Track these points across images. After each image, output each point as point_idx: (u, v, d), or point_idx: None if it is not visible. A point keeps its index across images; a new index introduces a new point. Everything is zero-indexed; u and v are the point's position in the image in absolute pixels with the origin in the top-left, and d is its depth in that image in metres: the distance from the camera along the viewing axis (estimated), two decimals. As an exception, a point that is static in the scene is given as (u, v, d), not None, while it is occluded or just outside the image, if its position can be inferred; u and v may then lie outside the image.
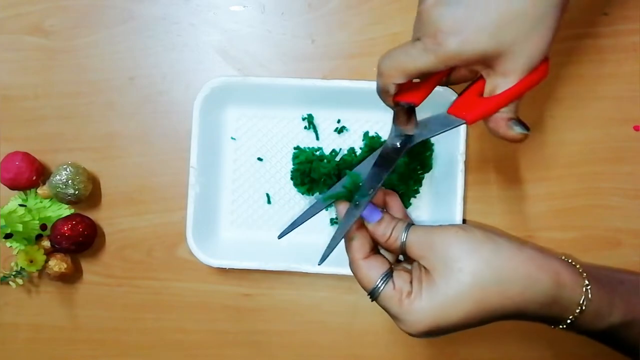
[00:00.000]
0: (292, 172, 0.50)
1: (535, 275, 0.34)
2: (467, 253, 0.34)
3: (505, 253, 0.35)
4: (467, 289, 0.34)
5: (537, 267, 0.35)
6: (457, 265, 0.34)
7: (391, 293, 0.35)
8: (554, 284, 0.35)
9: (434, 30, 0.33)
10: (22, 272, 0.51)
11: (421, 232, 0.37)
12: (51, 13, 0.54)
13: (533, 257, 0.35)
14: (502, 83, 0.34)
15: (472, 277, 0.34)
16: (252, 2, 0.52)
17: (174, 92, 0.53)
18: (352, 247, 0.38)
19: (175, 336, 0.53)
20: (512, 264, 0.34)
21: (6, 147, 0.53)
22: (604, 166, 0.49)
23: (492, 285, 0.34)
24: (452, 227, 0.36)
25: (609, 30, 0.49)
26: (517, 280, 0.34)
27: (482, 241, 0.35)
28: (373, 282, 0.36)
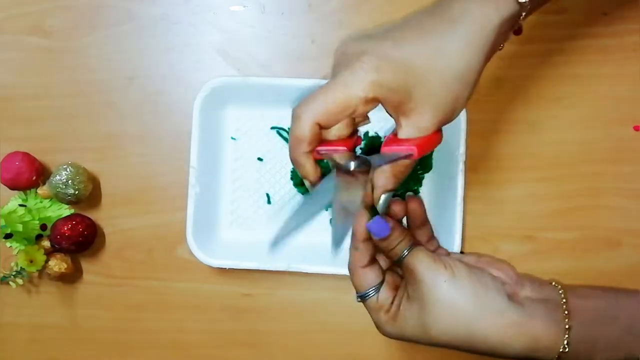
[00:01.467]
0: (292, 172, 0.50)
1: (509, 343, 0.35)
2: (448, 308, 0.35)
3: (485, 318, 0.35)
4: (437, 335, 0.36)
5: (515, 334, 0.35)
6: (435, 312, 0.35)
7: (374, 304, 0.38)
8: (528, 349, 0.36)
9: (360, 55, 0.32)
10: (22, 272, 0.51)
11: (419, 259, 0.36)
12: (51, 13, 0.54)
13: (514, 324, 0.35)
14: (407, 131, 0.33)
15: (446, 329, 0.35)
16: (252, 2, 0.52)
17: (174, 92, 0.53)
18: (354, 255, 0.38)
19: (175, 336, 0.53)
20: (489, 329, 0.35)
21: (6, 147, 0.53)
22: (604, 166, 0.49)
23: (464, 341, 0.36)
24: (444, 271, 0.36)
25: (609, 30, 0.49)
26: (489, 343, 0.35)
27: (466, 301, 0.35)
28: (364, 289, 0.38)
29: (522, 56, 0.50)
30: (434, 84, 0.32)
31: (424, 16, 0.35)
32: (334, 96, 0.32)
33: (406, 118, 0.33)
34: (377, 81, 0.32)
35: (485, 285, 0.36)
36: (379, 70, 0.32)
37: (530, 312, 0.36)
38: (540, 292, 0.38)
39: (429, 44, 0.33)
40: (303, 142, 0.34)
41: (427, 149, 0.34)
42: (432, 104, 0.33)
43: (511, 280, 0.38)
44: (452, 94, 0.33)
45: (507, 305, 0.36)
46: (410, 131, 0.33)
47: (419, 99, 0.32)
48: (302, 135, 0.33)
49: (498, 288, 0.37)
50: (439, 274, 0.36)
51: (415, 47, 0.33)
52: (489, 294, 0.36)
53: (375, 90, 0.32)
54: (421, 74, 0.32)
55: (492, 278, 0.37)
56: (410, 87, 0.32)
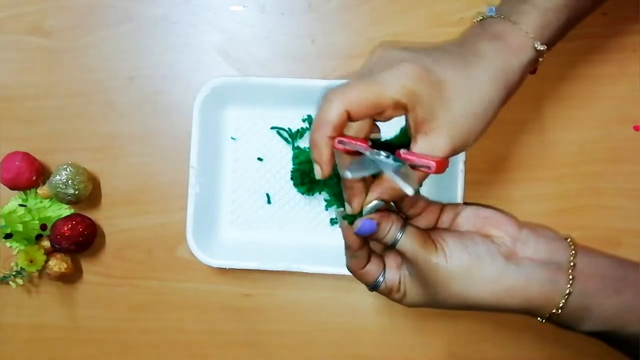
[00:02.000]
0: (292, 172, 0.50)
1: (504, 303, 0.37)
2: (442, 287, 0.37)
3: (478, 290, 0.37)
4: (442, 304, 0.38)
5: (509, 297, 0.37)
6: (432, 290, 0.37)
7: (384, 290, 0.40)
8: (522, 308, 0.37)
9: (400, 60, 0.33)
10: (22, 272, 0.51)
11: (410, 242, 0.37)
12: (51, 13, 0.54)
13: (509, 288, 0.37)
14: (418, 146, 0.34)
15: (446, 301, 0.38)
16: (252, 2, 0.52)
17: (174, 92, 0.53)
18: (354, 262, 0.39)
19: (175, 336, 0.53)
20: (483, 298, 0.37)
21: (6, 147, 0.53)
22: (604, 166, 0.49)
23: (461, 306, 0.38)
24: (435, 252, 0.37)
25: (609, 30, 0.49)
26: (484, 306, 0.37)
27: (458, 278, 0.36)
28: (371, 283, 0.40)
29: (522, 56, 0.50)
30: (459, 112, 0.34)
31: (455, 47, 0.37)
32: (370, 90, 0.33)
33: (424, 136, 0.34)
34: (413, 89, 0.33)
35: (478, 257, 0.37)
36: (418, 79, 0.33)
37: (528, 275, 0.37)
38: (546, 251, 0.38)
39: (463, 71, 0.34)
40: (328, 126, 0.33)
41: (440, 169, 0.34)
42: (452, 130, 0.34)
43: (509, 238, 0.39)
44: (470, 126, 0.35)
45: (503, 271, 0.37)
46: (424, 148, 0.34)
47: (441, 121, 0.34)
48: (329, 118, 0.33)
49: (492, 254, 0.37)
50: (430, 255, 0.37)
51: (452, 70, 0.34)
52: (483, 264, 0.37)
53: (408, 97, 0.33)
54: (451, 98, 0.34)
55: (485, 245, 0.38)
56: (437, 106, 0.33)
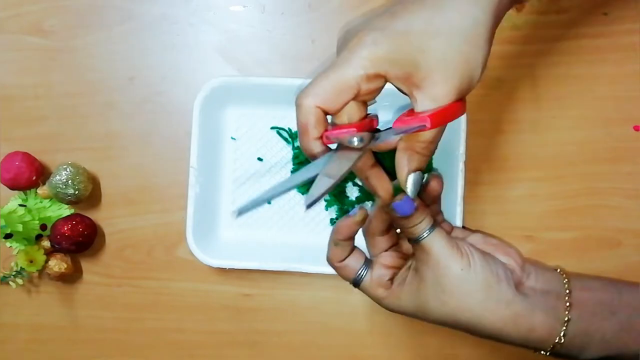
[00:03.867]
0: (292, 172, 0.50)
1: (507, 332, 0.36)
2: (459, 295, 0.36)
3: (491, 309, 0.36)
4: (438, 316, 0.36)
5: (514, 326, 0.36)
6: (444, 298, 0.36)
7: (369, 283, 0.38)
8: (524, 340, 0.37)
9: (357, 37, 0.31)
10: (22, 272, 0.51)
11: (439, 242, 0.36)
12: (51, 13, 0.54)
13: (517, 315, 0.36)
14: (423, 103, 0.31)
15: (450, 313, 0.36)
16: (252, 2, 0.52)
17: (174, 92, 0.53)
18: (333, 251, 0.38)
19: (175, 336, 0.53)
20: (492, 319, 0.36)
21: (6, 147, 0.53)
22: (604, 166, 0.49)
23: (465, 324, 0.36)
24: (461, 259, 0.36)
25: (609, 30, 0.49)
26: (489, 331, 0.36)
27: (476, 291, 0.36)
28: (351, 277, 0.39)
29: (522, 56, 0.50)
30: (440, 47, 0.30)
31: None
32: (333, 78, 0.31)
33: (419, 90, 0.31)
34: (376, 55, 0.30)
35: (497, 277, 0.36)
36: (376, 43, 0.30)
37: (533, 304, 0.36)
38: (545, 282, 0.38)
39: (428, 7, 0.31)
40: (308, 129, 0.32)
41: (445, 119, 0.31)
42: (444, 70, 0.30)
43: (518, 267, 0.38)
44: (462, 55, 0.30)
45: (514, 297, 0.36)
46: (427, 103, 0.31)
47: (427, 67, 0.30)
48: (305, 121, 0.32)
49: (508, 279, 0.37)
50: (455, 261, 0.36)
51: (414, 14, 0.31)
52: (500, 285, 0.36)
53: (375, 66, 0.30)
54: (424, 39, 0.30)
55: (503, 268, 0.37)
56: (415, 55, 0.30)
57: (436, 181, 0.38)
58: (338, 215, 0.51)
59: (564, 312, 0.37)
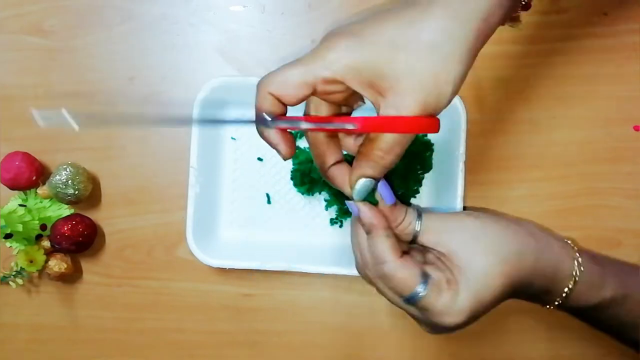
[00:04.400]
0: (292, 172, 0.50)
1: (544, 250, 0.37)
2: (486, 236, 0.36)
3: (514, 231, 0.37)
4: (495, 267, 0.35)
5: (537, 240, 0.38)
6: (479, 247, 0.35)
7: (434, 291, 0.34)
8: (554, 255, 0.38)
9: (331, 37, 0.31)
10: (22, 272, 0.51)
11: (435, 218, 0.37)
12: (51, 13, 0.54)
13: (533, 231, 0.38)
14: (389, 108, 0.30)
15: (496, 255, 0.35)
16: (252, 2, 0.52)
17: (174, 92, 0.53)
18: (390, 245, 0.35)
19: (175, 336, 0.53)
20: (522, 238, 0.37)
21: (6, 147, 0.53)
22: (604, 166, 0.49)
23: (513, 256, 0.36)
24: (463, 214, 0.38)
25: (609, 30, 0.49)
26: (530, 251, 0.37)
27: (492, 223, 0.37)
28: (413, 286, 0.34)
29: (522, 56, 0.50)
30: (408, 60, 0.29)
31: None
32: (294, 71, 0.31)
33: (383, 98, 0.30)
34: (341, 61, 0.30)
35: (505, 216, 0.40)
36: (346, 49, 0.30)
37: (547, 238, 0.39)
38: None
39: (404, 19, 0.30)
40: (260, 112, 0.32)
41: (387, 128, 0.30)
42: (409, 82, 0.29)
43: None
44: (431, 70, 0.29)
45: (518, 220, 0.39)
46: (389, 111, 0.30)
47: (393, 77, 0.30)
48: (259, 105, 0.32)
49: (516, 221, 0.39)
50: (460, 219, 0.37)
51: (388, 24, 0.30)
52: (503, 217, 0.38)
53: (336, 71, 0.30)
54: (393, 51, 0.30)
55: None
56: (382, 65, 0.30)
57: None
58: (338, 215, 0.51)
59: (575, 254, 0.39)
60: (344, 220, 0.51)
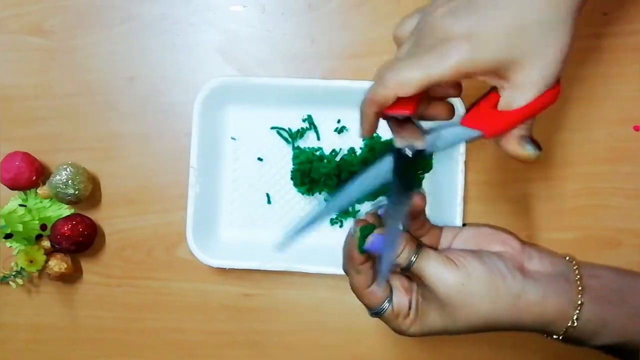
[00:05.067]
0: (292, 172, 0.50)
1: (524, 321, 0.36)
2: (466, 306, 0.36)
3: (501, 307, 0.36)
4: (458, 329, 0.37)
5: (528, 314, 0.36)
6: (455, 313, 0.36)
7: (390, 315, 0.38)
8: (538, 325, 0.37)
9: (446, 38, 0.32)
10: (22, 272, 0.51)
11: (428, 264, 0.36)
12: (51, 13, 0.54)
13: (528, 304, 0.36)
14: (518, 97, 0.33)
15: (466, 323, 0.36)
16: (252, 2, 0.52)
17: (174, 92, 0.53)
18: (357, 279, 0.38)
19: (175, 336, 0.53)
20: (505, 315, 0.36)
21: (6, 147, 0.53)
22: (604, 166, 0.49)
23: (482, 327, 0.37)
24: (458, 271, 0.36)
25: (609, 30, 0.49)
26: (505, 325, 0.36)
27: (483, 297, 0.36)
28: (377, 306, 0.38)
29: (522, 56, 0.50)
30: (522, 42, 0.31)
31: None
32: (412, 73, 0.32)
33: (506, 81, 0.33)
34: (469, 60, 0.32)
35: (500, 274, 0.36)
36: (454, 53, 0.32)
37: (544, 289, 0.36)
38: (552, 265, 0.38)
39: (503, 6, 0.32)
40: (379, 106, 0.34)
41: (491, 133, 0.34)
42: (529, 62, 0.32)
43: (517, 252, 0.38)
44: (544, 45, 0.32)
45: (523, 286, 0.36)
46: (515, 94, 0.33)
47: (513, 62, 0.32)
48: (381, 101, 0.34)
49: (511, 270, 0.37)
50: (453, 276, 0.35)
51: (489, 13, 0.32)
52: (506, 281, 0.36)
53: (463, 71, 0.32)
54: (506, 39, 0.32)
55: (502, 261, 0.37)
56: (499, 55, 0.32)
57: (419, 198, 0.38)
58: (338, 214, 0.51)
59: (577, 296, 0.37)
60: (344, 221, 0.51)
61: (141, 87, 0.53)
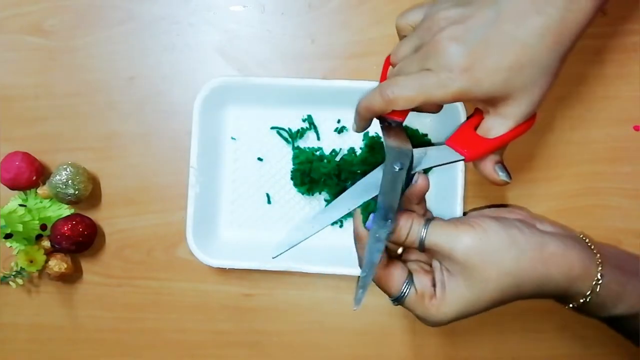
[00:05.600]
0: (292, 172, 0.50)
1: (551, 274, 0.36)
2: (489, 264, 0.35)
3: (526, 258, 0.36)
4: (489, 295, 0.36)
5: (555, 266, 0.36)
6: (480, 275, 0.35)
7: (414, 298, 0.37)
8: (567, 280, 0.36)
9: (449, 67, 0.34)
10: (22, 272, 0.51)
11: (440, 232, 0.36)
12: (51, 13, 0.54)
13: (553, 255, 0.36)
14: (499, 125, 0.36)
15: (495, 284, 0.35)
16: (252, 2, 0.52)
17: (174, 92, 0.53)
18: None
19: (175, 336, 0.53)
20: (531, 268, 0.36)
21: (6, 147, 0.53)
22: (604, 166, 0.49)
23: (512, 288, 0.36)
24: (473, 230, 0.36)
25: (609, 30, 0.49)
26: (534, 280, 0.36)
27: (504, 248, 0.35)
28: (397, 289, 0.37)
29: (522, 56, 0.50)
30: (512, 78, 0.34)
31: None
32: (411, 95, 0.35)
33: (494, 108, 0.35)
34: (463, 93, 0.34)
35: (517, 228, 0.37)
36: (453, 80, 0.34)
37: (564, 243, 0.37)
38: (564, 231, 0.40)
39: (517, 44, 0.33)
40: (376, 113, 0.37)
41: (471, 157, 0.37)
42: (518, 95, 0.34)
43: (528, 218, 0.40)
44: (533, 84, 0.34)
45: (542, 238, 0.37)
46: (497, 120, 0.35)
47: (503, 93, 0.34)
48: (379, 110, 0.37)
49: (528, 225, 0.37)
50: (469, 236, 0.35)
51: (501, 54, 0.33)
52: (524, 233, 0.36)
53: (461, 98, 0.34)
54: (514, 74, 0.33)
55: (517, 220, 0.38)
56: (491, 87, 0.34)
57: (423, 179, 0.38)
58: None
59: (595, 256, 0.37)
60: (344, 221, 0.51)
61: (141, 87, 0.53)
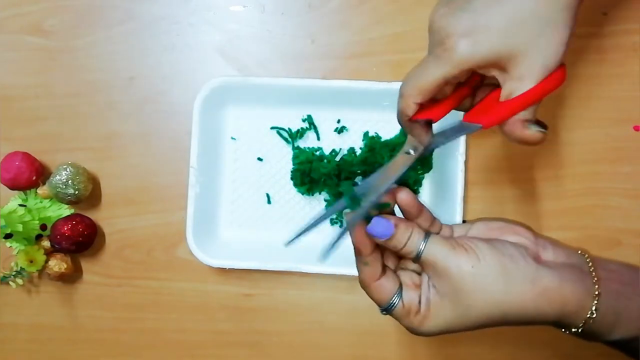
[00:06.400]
0: (292, 172, 0.50)
1: (541, 308, 0.35)
2: (477, 292, 0.35)
3: (516, 292, 0.35)
4: (472, 319, 0.35)
5: (546, 301, 0.35)
6: (466, 300, 0.35)
7: (401, 311, 0.37)
8: (558, 315, 0.36)
9: (444, 36, 0.33)
10: (22, 272, 0.51)
11: (440, 249, 0.36)
12: (51, 13, 0.54)
13: (545, 290, 0.35)
14: (518, 87, 0.34)
15: (479, 312, 0.35)
16: (252, 2, 0.52)
17: (174, 92, 0.53)
18: (365, 272, 0.38)
19: (175, 336, 0.53)
20: (520, 301, 0.35)
21: (6, 147, 0.53)
22: (604, 166, 0.49)
23: (497, 316, 0.35)
24: (467, 255, 0.35)
25: (609, 30, 0.49)
26: (521, 313, 0.35)
27: (495, 280, 0.35)
28: (387, 301, 0.37)
29: (522, 56, 0.50)
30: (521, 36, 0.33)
31: None
32: (428, 80, 0.34)
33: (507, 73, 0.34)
34: (461, 59, 0.33)
35: (511, 258, 0.36)
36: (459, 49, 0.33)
37: (559, 276, 0.36)
38: (565, 256, 0.38)
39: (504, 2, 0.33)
40: (405, 115, 0.36)
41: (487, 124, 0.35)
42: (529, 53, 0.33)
43: (531, 242, 0.38)
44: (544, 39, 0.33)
45: (537, 271, 0.35)
46: (514, 84, 0.34)
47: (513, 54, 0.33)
48: (404, 112, 0.36)
49: (524, 256, 0.36)
50: (463, 261, 0.35)
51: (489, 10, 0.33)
52: (518, 264, 0.36)
53: (465, 66, 0.33)
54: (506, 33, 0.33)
55: (515, 247, 0.37)
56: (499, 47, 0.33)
57: (403, 193, 0.38)
58: (338, 215, 0.51)
59: (593, 286, 0.36)
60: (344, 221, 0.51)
61: (141, 87, 0.53)
